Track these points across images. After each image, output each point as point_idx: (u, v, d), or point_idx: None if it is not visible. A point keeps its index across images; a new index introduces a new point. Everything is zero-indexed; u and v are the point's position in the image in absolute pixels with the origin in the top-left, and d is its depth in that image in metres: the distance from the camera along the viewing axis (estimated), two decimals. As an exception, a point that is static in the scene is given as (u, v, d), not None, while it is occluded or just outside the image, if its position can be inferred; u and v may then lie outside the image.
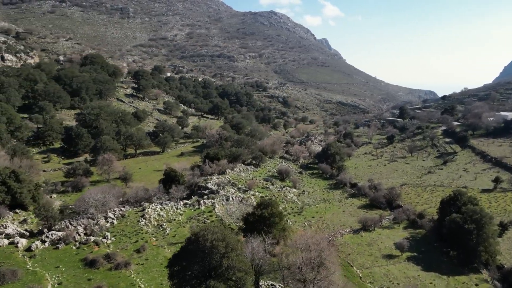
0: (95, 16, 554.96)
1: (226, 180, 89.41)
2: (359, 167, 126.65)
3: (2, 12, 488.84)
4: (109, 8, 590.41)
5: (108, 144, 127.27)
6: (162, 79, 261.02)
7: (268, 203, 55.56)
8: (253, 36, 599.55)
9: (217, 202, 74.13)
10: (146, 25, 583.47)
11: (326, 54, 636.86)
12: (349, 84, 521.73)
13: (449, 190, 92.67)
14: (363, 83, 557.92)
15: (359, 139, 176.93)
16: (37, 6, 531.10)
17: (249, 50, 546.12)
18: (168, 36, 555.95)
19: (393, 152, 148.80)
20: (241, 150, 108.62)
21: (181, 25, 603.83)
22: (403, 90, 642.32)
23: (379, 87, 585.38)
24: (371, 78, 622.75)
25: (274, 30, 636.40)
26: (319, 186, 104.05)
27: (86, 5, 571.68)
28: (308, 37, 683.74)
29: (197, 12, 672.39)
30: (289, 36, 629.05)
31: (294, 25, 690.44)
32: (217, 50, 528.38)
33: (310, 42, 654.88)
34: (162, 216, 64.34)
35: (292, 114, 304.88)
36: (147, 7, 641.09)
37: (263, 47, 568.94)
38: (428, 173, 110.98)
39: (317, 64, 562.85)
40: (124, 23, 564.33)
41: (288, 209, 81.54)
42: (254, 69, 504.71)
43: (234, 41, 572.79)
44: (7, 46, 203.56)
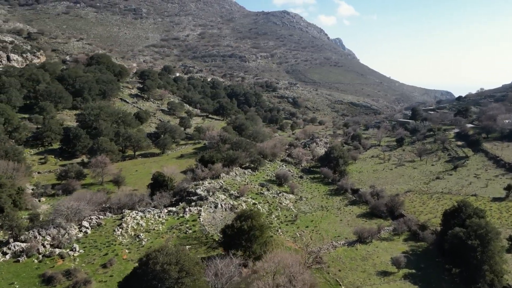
0: (109, 17, 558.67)
1: (219, 185, 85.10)
2: (363, 171, 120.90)
3: (18, 13, 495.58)
4: (123, 9, 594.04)
5: (106, 145, 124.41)
6: (170, 79, 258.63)
7: (248, 215, 50.97)
8: (265, 36, 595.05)
9: (204, 210, 69.86)
10: (158, 25, 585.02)
11: (339, 54, 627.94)
12: (362, 84, 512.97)
13: (457, 198, 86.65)
14: (376, 83, 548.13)
15: (367, 142, 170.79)
16: (52, 7, 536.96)
17: (261, 50, 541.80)
18: (180, 36, 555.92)
19: (402, 155, 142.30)
20: (238, 153, 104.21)
21: (193, 25, 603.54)
22: (419, 90, 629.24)
23: (393, 87, 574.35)
24: (385, 78, 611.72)
25: (287, 30, 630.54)
26: (319, 191, 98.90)
27: (100, 6, 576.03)
28: (321, 37, 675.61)
29: (209, 12, 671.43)
30: (301, 36, 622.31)
31: (307, 25, 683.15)
32: (229, 50, 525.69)
33: (323, 42, 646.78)
34: (141, 225, 60.37)
35: (302, 114, 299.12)
36: (160, 7, 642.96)
37: (275, 47, 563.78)
38: (436, 178, 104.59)
39: (330, 64, 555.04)
40: (137, 24, 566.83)
41: (281, 217, 76.75)
42: (266, 69, 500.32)
43: (246, 41, 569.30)
44: (13, 46, 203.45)
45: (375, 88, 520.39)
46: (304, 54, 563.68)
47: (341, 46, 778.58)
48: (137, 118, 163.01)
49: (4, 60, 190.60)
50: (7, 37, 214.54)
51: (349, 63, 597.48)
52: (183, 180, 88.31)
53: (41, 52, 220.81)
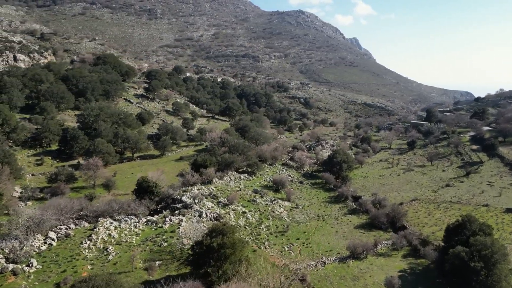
0: (124, 18, 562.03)
1: (208, 191, 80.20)
2: (369, 176, 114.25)
3: (36, 14, 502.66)
4: (138, 10, 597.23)
5: (102, 147, 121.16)
6: (180, 80, 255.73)
7: (220, 231, 45.82)
8: (279, 36, 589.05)
9: (186, 220, 65.04)
10: (172, 25, 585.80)
11: (355, 54, 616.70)
12: (378, 85, 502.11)
13: (467, 208, 79.73)
14: (393, 84, 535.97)
15: (377, 144, 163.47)
16: (69, 8, 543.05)
17: (274, 50, 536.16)
18: (194, 36, 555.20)
19: (412, 159, 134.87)
20: (234, 157, 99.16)
21: (207, 26, 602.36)
22: (437, 91, 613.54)
23: (411, 87, 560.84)
24: (402, 78, 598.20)
25: (301, 30, 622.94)
26: (318, 198, 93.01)
27: (115, 7, 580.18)
28: (337, 37, 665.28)
29: (224, 12, 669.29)
30: (316, 36, 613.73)
31: (322, 24, 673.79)
32: (242, 50, 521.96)
33: (338, 41, 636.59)
34: (112, 237, 55.92)
35: (313, 115, 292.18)
36: (174, 8, 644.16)
37: (289, 47, 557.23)
38: (446, 186, 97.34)
39: (345, 64, 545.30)
40: (151, 24, 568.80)
41: (271, 227, 71.31)
42: (279, 69, 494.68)
43: (260, 41, 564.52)
44: (21, 46, 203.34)
45: (391, 88, 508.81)
46: (319, 54, 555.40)
47: (357, 45, 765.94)
48: (139, 119, 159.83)
49: (11, 60, 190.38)
50: (15, 37, 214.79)
51: (365, 63, 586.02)
52: (170, 185, 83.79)
53: (49, 52, 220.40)
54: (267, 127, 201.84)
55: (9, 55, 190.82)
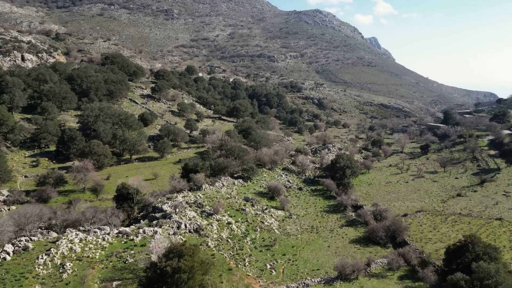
0: (141, 18, 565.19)
1: (194, 199, 74.86)
2: (375, 183, 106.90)
3: (55, 15, 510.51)
4: (155, 10, 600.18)
5: (98, 149, 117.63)
6: (190, 80, 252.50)
7: (178, 252, 40.30)
8: (295, 35, 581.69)
9: (162, 231, 59.89)
10: (189, 26, 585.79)
11: (373, 53, 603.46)
12: (396, 85, 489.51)
13: (477, 222, 72.03)
14: (412, 84, 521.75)
15: (388, 148, 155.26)
16: (87, 9, 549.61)
17: (290, 49, 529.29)
18: (210, 36, 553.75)
19: (424, 165, 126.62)
20: (228, 162, 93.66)
21: (223, 26, 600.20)
22: (459, 91, 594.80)
23: (431, 88, 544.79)
24: (422, 79, 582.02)
25: (319, 29, 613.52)
26: (315, 207, 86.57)
27: (133, 8, 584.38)
28: (355, 36, 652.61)
29: (240, 12, 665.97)
30: (334, 35, 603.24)
31: (340, 24, 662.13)
32: (258, 50, 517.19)
33: (356, 41, 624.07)
34: (73, 251, 51.18)
35: (326, 116, 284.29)
36: (191, 8, 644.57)
37: (306, 46, 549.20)
38: (457, 196, 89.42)
39: (363, 64, 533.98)
40: (168, 24, 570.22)
41: (257, 240, 65.40)
42: (295, 69, 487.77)
43: (276, 41, 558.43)
44: (29, 46, 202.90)
45: (410, 89, 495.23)
46: (336, 53, 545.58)
47: (377, 45, 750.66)
48: (141, 120, 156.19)
49: (19, 60, 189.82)
50: (25, 37, 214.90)
51: (384, 63, 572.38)
52: (152, 192, 78.78)
53: (58, 52, 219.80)
54: (276, 128, 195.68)
55: (16, 55, 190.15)
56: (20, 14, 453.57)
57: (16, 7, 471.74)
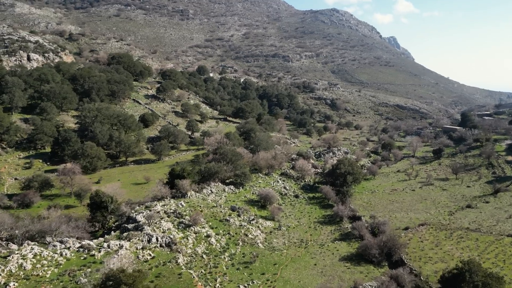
0: (157, 19, 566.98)
1: (174, 208, 69.43)
2: (379, 190, 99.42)
3: (73, 16, 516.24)
4: (171, 11, 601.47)
5: (91, 151, 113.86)
6: (200, 80, 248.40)
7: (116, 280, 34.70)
8: (311, 35, 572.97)
9: (129, 245, 54.64)
10: (204, 26, 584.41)
11: (391, 53, 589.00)
12: (415, 86, 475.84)
13: (486, 238, 64.33)
14: (432, 84, 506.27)
15: (399, 152, 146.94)
16: (104, 10, 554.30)
17: (306, 49, 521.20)
18: (225, 36, 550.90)
19: (435, 171, 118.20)
20: (219, 167, 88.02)
21: (238, 26, 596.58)
22: (481, 92, 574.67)
23: (451, 88, 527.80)
24: (442, 79, 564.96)
25: (335, 29, 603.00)
26: (309, 217, 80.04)
27: (149, 8, 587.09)
28: (373, 35, 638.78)
29: (256, 12, 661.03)
30: (350, 35, 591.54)
31: (357, 23, 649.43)
32: (272, 50, 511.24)
33: (374, 40, 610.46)
34: (23, 268, 46.45)
35: (339, 118, 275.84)
36: (207, 8, 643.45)
37: (321, 46, 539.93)
38: (467, 207, 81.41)
39: (380, 64, 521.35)
40: (183, 25, 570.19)
41: (237, 256, 59.45)
42: (310, 69, 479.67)
43: (291, 41, 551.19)
44: (36, 46, 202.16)
45: (429, 89, 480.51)
46: (352, 53, 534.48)
47: (395, 44, 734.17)
48: (142, 121, 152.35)
49: (24, 60, 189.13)
50: (33, 37, 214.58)
51: (402, 63, 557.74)
52: (127, 201, 73.61)
53: (65, 52, 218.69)
54: (283, 130, 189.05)
55: (22, 55, 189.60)
56: (38, 15, 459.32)
57: (35, 8, 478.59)
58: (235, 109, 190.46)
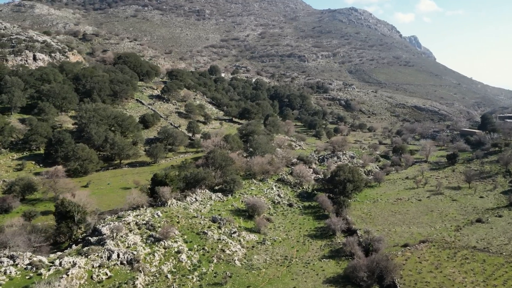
0: (173, 19, 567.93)
1: (147, 219, 63.73)
2: (382, 199, 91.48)
3: (91, 17, 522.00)
4: (187, 11, 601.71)
5: (82, 153, 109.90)
6: (209, 80, 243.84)
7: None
8: (329, 34, 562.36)
9: (86, 262, 49.20)
10: (220, 26, 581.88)
11: (411, 53, 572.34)
12: (436, 86, 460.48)
13: (495, 260, 56.31)
14: (453, 85, 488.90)
15: (410, 156, 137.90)
16: (122, 11, 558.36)
17: (322, 49, 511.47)
18: (240, 36, 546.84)
19: (447, 178, 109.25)
20: (206, 172, 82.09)
21: (254, 25, 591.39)
22: (506, 93, 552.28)
23: (474, 89, 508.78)
24: (465, 79, 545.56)
25: (353, 28, 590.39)
26: (300, 230, 73.16)
27: (166, 9, 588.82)
28: (392, 35, 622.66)
29: (273, 11, 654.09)
30: (369, 34, 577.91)
31: (377, 22, 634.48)
32: (288, 50, 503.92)
33: (393, 39, 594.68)
34: (-46, 289, 41.74)
35: (353, 119, 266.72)
36: (223, 8, 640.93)
37: (339, 45, 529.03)
38: (476, 221, 72.92)
39: (399, 64, 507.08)
40: (199, 25, 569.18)
41: (207, 276, 53.23)
42: (326, 69, 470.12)
43: (308, 40, 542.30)
44: (42, 46, 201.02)
45: (451, 90, 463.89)
46: (371, 53, 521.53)
47: (416, 44, 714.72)
48: (142, 122, 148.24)
49: (30, 59, 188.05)
50: (40, 37, 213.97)
51: (422, 62, 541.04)
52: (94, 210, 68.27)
53: (73, 52, 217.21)
54: (290, 131, 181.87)
55: (28, 54, 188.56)
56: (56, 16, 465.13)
57: (54, 9, 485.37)
58: (242, 110, 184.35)
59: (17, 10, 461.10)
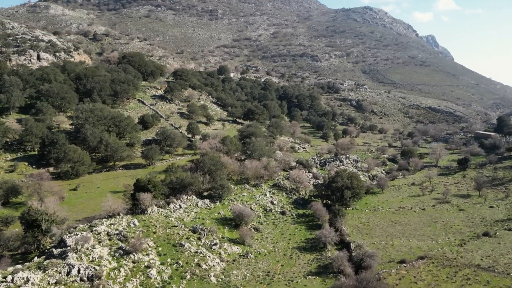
0: (186, 19, 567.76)
1: (121, 228, 59.36)
2: (383, 208, 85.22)
3: (105, 17, 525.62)
4: (200, 11, 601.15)
5: (74, 155, 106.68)
6: (217, 80, 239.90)
7: None
8: (342, 34, 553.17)
9: (40, 279, 44.99)
10: (232, 25, 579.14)
11: (428, 52, 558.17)
12: (452, 86, 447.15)
13: (501, 281, 50.07)
14: (471, 85, 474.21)
15: (419, 161, 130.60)
16: (136, 11, 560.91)
17: (336, 48, 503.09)
18: (252, 36, 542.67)
19: (456, 185, 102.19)
20: (193, 177, 77.43)
21: (267, 25, 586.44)
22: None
23: (493, 90, 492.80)
24: (484, 80, 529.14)
25: (368, 27, 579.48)
26: (289, 241, 67.76)
27: (179, 9, 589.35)
28: (408, 34, 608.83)
29: (286, 11, 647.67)
30: (384, 33, 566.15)
31: (392, 21, 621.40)
32: (300, 50, 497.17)
33: (409, 39, 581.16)
34: None
35: (364, 120, 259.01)
36: (236, 8, 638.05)
37: (353, 45, 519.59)
38: (483, 235, 66.27)
39: (415, 64, 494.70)
40: (211, 25, 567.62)
41: (177, 294, 48.43)
42: (339, 69, 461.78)
43: (321, 40, 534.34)
44: (47, 46, 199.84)
45: (468, 90, 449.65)
46: (385, 52, 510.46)
47: (434, 43, 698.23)
48: (141, 123, 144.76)
49: (34, 59, 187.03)
50: (46, 37, 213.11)
51: (439, 62, 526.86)
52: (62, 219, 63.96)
53: (78, 51, 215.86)
54: (296, 133, 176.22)
55: (32, 54, 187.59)
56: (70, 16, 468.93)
57: (69, 10, 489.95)
58: (246, 111, 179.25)
59: (32, 11, 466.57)
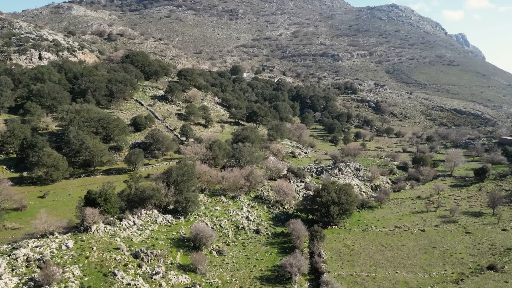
0: (206, 19, 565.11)
1: (46, 252, 50.66)
2: (376, 227, 73.21)
3: (127, 18, 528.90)
4: (220, 10, 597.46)
5: (48, 159, 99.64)
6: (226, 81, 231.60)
7: None
8: (366, 32, 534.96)
9: None
10: (252, 25, 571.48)
11: (457, 51, 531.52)
12: (482, 87, 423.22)
13: None
14: (503, 86, 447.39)
15: (430, 170, 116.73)
16: (157, 11, 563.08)
17: (358, 48, 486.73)
18: (273, 35, 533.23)
19: (469, 200, 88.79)
20: (153, 190, 68.21)
21: (288, 24, 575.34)
22: None
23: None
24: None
25: (393, 25, 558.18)
26: (254, 267, 57.30)
27: (199, 9, 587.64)
28: (436, 32, 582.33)
29: (308, 10, 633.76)
30: (410, 32, 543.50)
31: (419, 19, 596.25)
32: (321, 49, 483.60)
33: (437, 37, 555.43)
34: None
35: (382, 122, 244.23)
36: (257, 7, 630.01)
37: (376, 44, 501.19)
38: (489, 268, 53.68)
39: (442, 63, 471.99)
40: (231, 24, 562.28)
41: None
42: (361, 68, 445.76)
43: (343, 39, 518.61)
44: (50, 45, 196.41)
45: (500, 92, 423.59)
46: (411, 51, 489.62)
47: (464, 42, 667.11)
48: (133, 125, 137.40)
49: (35, 58, 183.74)
50: (50, 36, 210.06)
51: (469, 62, 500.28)
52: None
53: (83, 50, 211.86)
54: (303, 136, 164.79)
55: (33, 53, 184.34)
56: (92, 17, 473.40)
57: (91, 11, 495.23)
58: (250, 112, 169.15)
59: (55, 12, 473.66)
